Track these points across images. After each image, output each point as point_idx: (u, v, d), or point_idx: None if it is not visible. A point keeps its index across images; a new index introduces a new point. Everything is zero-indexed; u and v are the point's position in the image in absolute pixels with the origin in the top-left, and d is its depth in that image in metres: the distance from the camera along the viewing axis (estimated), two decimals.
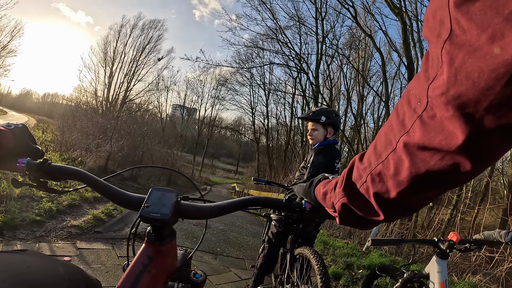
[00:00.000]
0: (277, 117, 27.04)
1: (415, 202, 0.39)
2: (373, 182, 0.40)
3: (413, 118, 0.33)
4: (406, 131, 0.34)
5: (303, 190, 0.66)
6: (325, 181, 0.59)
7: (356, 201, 0.45)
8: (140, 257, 0.53)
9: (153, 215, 0.53)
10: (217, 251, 3.85)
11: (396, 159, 0.36)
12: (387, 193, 0.39)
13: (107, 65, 26.24)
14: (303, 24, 17.88)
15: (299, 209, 0.65)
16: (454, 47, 0.26)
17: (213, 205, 0.62)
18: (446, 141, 0.30)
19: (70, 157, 8.18)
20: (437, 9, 0.28)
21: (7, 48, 24.83)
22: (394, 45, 15.28)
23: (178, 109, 40.99)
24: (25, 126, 0.68)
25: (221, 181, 38.21)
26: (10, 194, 3.69)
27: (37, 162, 0.63)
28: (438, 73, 0.29)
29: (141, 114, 24.11)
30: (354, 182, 0.44)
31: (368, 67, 20.77)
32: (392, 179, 0.37)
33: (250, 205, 0.66)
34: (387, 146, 0.37)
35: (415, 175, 0.34)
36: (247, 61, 22.81)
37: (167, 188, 0.60)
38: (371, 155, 0.41)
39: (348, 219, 0.49)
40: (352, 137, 21.84)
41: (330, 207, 0.53)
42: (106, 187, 0.63)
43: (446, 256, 1.59)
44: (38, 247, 2.72)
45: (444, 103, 0.28)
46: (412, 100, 0.33)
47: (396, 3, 10.26)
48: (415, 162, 0.34)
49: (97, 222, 3.82)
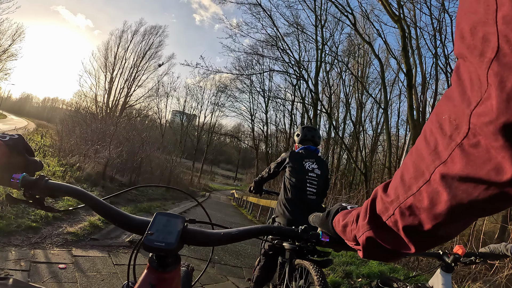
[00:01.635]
0: (276, 124, 27.11)
1: (451, 231, 0.36)
2: (403, 216, 0.37)
3: (450, 146, 0.30)
4: (442, 161, 0.31)
5: (320, 220, 0.62)
6: (344, 212, 0.55)
7: (383, 235, 0.42)
8: (142, 285, 0.50)
9: (157, 244, 0.50)
10: (215, 259, 3.80)
11: (431, 191, 0.33)
12: (420, 226, 0.36)
13: (107, 71, 26.36)
14: (302, 31, 18.05)
15: (316, 241, 0.62)
16: (503, 67, 0.24)
17: (222, 233, 0.59)
18: (495, 172, 0.27)
19: (68, 162, 8.14)
20: (477, 25, 0.26)
21: (8, 51, 24.89)
22: (392, 52, 15.40)
23: (177, 115, 41.06)
24: (21, 137, 0.64)
25: (220, 187, 38.10)
26: (5, 200, 3.66)
27: (33, 179, 0.60)
28: (483, 97, 0.26)
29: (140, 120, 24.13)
30: (380, 215, 0.42)
31: (367, 74, 20.90)
32: (427, 212, 0.34)
33: (262, 234, 0.63)
34: (418, 177, 0.34)
35: (456, 207, 0.31)
36: (247, 67, 22.95)
37: (173, 214, 0.57)
38: (398, 186, 0.38)
39: (374, 253, 0.46)
40: (351, 145, 21.85)
41: (351, 240, 0.50)
42: (107, 208, 0.60)
43: (451, 269, 1.55)
44: (33, 253, 2.68)
45: (493, 132, 0.25)
46: (446, 125, 0.30)
47: (395, 10, 10.39)
48: (456, 194, 0.31)
49: (93, 229, 3.78)
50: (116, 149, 9.79)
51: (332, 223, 0.57)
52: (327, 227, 0.59)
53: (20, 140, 0.63)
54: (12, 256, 2.54)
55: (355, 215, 0.49)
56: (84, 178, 7.40)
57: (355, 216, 0.49)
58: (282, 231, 0.64)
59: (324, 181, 2.40)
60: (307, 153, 2.44)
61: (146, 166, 13.34)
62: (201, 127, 36.16)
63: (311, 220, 0.67)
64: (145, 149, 12.47)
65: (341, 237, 0.55)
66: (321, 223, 0.62)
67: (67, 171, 7.26)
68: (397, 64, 13.82)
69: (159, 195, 10.39)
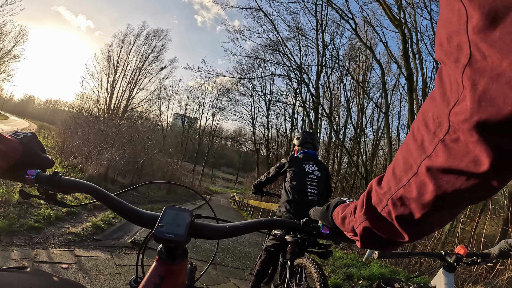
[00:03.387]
0: (277, 127, 27.16)
1: (439, 220, 0.39)
2: (395, 206, 0.40)
3: (434, 141, 0.33)
4: (427, 155, 0.34)
5: (320, 213, 0.65)
6: (343, 205, 0.58)
7: (379, 225, 0.45)
8: (151, 276, 0.52)
9: (168, 236, 0.51)
10: (217, 261, 3.81)
11: (418, 183, 0.36)
12: (410, 215, 0.39)
13: (110, 73, 26.55)
14: (303, 35, 18.15)
15: (317, 233, 0.64)
16: (475, 72, 0.26)
17: (228, 226, 0.61)
18: (473, 164, 0.30)
19: (70, 164, 8.17)
20: (452, 34, 0.28)
21: (11, 53, 25.05)
22: (393, 57, 15.45)
23: (179, 119, 41.19)
24: (34, 134, 0.66)
25: (221, 190, 38.01)
26: (8, 199, 3.68)
27: (47, 175, 0.62)
28: (459, 98, 0.29)
29: (142, 122, 24.21)
30: (375, 206, 0.44)
31: (368, 78, 20.95)
32: (416, 202, 0.37)
33: (265, 227, 0.65)
34: (407, 170, 0.37)
35: (441, 196, 0.34)
36: (249, 71, 23.06)
37: (181, 207, 0.59)
38: (390, 179, 0.41)
39: (370, 242, 0.49)
40: (351, 149, 21.84)
41: (349, 231, 0.53)
42: (118, 202, 0.62)
43: (453, 269, 1.57)
44: (35, 253, 2.70)
45: (468, 129, 0.28)
46: (430, 123, 0.33)
47: (396, 15, 10.45)
48: (441, 185, 0.34)
49: (96, 230, 3.79)
50: (118, 151, 9.82)
51: (332, 216, 0.60)
52: (327, 220, 0.62)
53: (33, 137, 0.65)
54: (15, 256, 2.55)
55: (352, 208, 0.52)
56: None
57: (353, 208, 0.51)
58: (284, 224, 0.66)
59: (324, 183, 2.46)
60: (306, 157, 2.52)
61: (147, 169, 13.36)
62: (203, 130, 36.24)
63: (312, 213, 0.70)
64: (146, 151, 12.50)
65: (340, 228, 0.57)
66: (322, 216, 0.65)
67: (69, 172, 7.29)
68: (398, 68, 13.87)
69: (161, 197, 10.41)
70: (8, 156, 0.58)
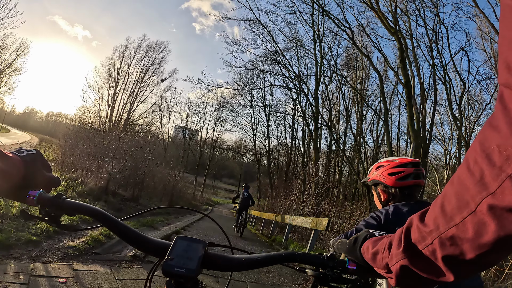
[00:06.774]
0: (278, 138, 27.16)
1: (494, 260, 0.36)
2: (443, 246, 0.37)
3: (500, 177, 0.29)
4: (490, 193, 0.30)
5: (346, 247, 0.60)
6: (373, 239, 0.54)
7: (419, 264, 0.41)
8: None
9: (178, 270, 0.49)
10: (219, 273, 3.73)
11: (476, 222, 0.33)
12: (461, 256, 0.35)
13: (111, 86, 26.74)
14: (301, 46, 18.36)
15: (342, 269, 0.60)
16: None
17: (244, 258, 0.57)
18: None
19: (70, 177, 8.15)
20: None
21: (12, 66, 25.25)
22: (390, 64, 15.58)
23: (180, 131, 41.30)
24: (39, 152, 0.62)
25: (223, 201, 37.81)
26: (6, 213, 3.65)
27: (49, 196, 0.59)
28: None
29: (143, 135, 24.29)
30: (415, 244, 0.41)
31: (366, 86, 21.05)
32: (470, 242, 0.34)
33: (285, 260, 0.60)
34: (462, 208, 0.34)
35: (504, 238, 0.31)
36: (248, 82, 23.22)
37: (193, 238, 0.56)
38: (438, 216, 0.38)
39: (408, 281, 0.46)
40: (352, 157, 21.78)
41: (381, 267, 0.49)
42: (125, 229, 0.59)
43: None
44: (32, 267, 2.65)
45: None
46: (495, 156, 0.30)
47: (391, 23, 10.60)
48: (504, 225, 0.30)
49: (95, 244, 3.74)
50: (119, 164, 9.81)
51: (360, 250, 0.56)
52: (355, 255, 0.58)
53: (37, 155, 0.62)
54: (11, 269, 2.51)
55: (386, 243, 0.48)
56: (86, 192, 7.39)
57: (387, 244, 0.48)
58: (306, 257, 0.61)
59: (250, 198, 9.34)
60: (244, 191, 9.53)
61: (149, 181, 13.32)
62: (203, 142, 36.28)
63: (335, 246, 0.64)
64: (147, 164, 12.49)
65: (371, 264, 0.53)
66: (348, 250, 0.60)
67: (70, 185, 7.26)
68: (395, 75, 13.94)
69: (162, 209, 10.32)
70: (9, 175, 0.55)
